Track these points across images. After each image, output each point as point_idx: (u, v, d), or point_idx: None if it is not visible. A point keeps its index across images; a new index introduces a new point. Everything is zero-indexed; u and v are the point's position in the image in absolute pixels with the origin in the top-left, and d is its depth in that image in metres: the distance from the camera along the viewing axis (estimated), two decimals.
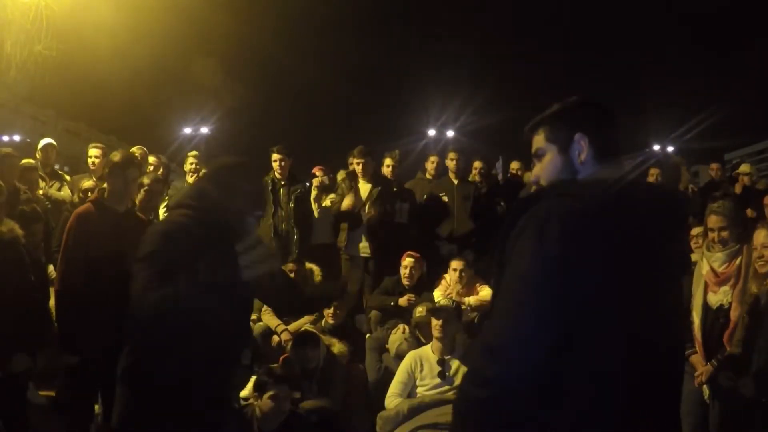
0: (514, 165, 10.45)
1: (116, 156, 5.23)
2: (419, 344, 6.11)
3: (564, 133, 2.29)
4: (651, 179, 8.35)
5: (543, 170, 2.34)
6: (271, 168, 8.38)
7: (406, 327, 6.48)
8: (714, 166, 11.04)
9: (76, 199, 7.01)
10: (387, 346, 6.53)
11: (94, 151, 7.88)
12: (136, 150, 7.95)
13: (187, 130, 31.71)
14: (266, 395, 5.12)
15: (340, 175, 8.81)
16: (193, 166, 8.79)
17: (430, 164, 9.27)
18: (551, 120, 2.34)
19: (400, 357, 6.09)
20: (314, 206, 8.28)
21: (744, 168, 11.00)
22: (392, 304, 7.02)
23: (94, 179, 7.23)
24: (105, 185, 5.41)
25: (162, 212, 7.34)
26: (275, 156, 8.32)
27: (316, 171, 8.97)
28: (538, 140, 2.35)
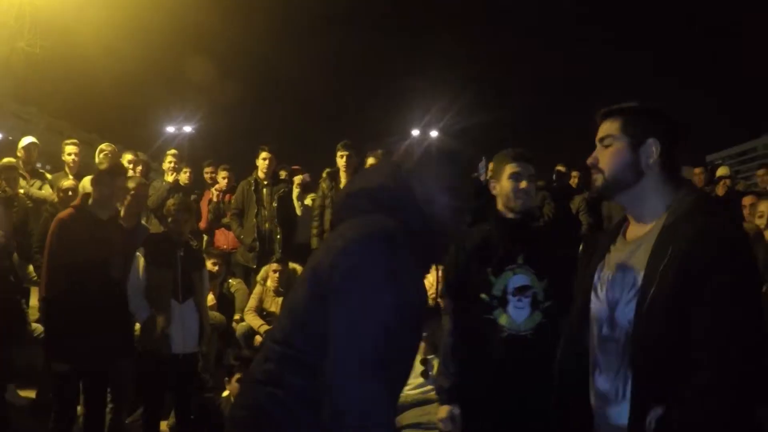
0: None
1: (104, 164, 5.23)
2: None
3: (640, 131, 2.28)
4: None
5: (608, 158, 2.31)
6: (256, 167, 8.39)
7: None
8: (697, 170, 11.08)
9: (56, 198, 6.96)
10: None
11: (70, 148, 7.82)
12: (105, 147, 7.88)
13: (171, 129, 31.59)
14: (234, 378, 5.16)
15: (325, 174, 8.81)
16: (172, 164, 8.74)
17: None
18: (632, 114, 2.32)
19: None
20: (297, 205, 8.24)
21: (722, 171, 11.09)
22: None
23: (72, 177, 7.17)
24: (82, 185, 5.38)
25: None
26: (264, 155, 8.31)
27: (295, 169, 8.99)
28: (611, 127, 2.33)
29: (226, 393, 5.88)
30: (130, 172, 7.53)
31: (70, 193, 6.50)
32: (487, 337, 3.51)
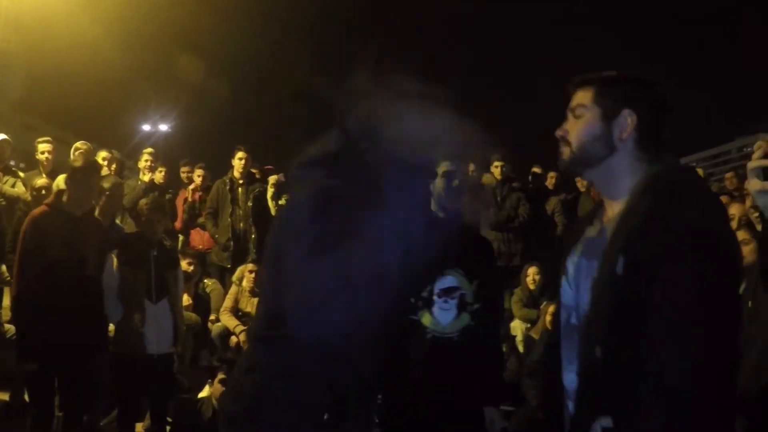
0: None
1: (78, 161, 5.17)
2: None
3: (614, 101, 2.08)
4: None
5: (577, 130, 2.12)
6: (232, 167, 8.37)
7: None
8: None
9: (29, 197, 6.89)
10: None
11: (44, 146, 7.75)
12: (80, 145, 7.81)
13: (146, 127, 31.35)
14: (217, 380, 5.15)
15: None
16: (148, 163, 8.68)
17: None
18: (605, 82, 2.13)
19: None
20: (271, 204, 8.21)
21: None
22: None
23: (45, 176, 7.11)
24: (56, 184, 5.33)
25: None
26: (241, 154, 8.32)
27: (268, 168, 8.97)
28: (583, 96, 2.13)
29: (203, 393, 5.85)
30: (105, 170, 7.48)
31: (43, 191, 6.44)
32: (411, 338, 3.42)
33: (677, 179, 2.04)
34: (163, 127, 32.10)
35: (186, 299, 6.72)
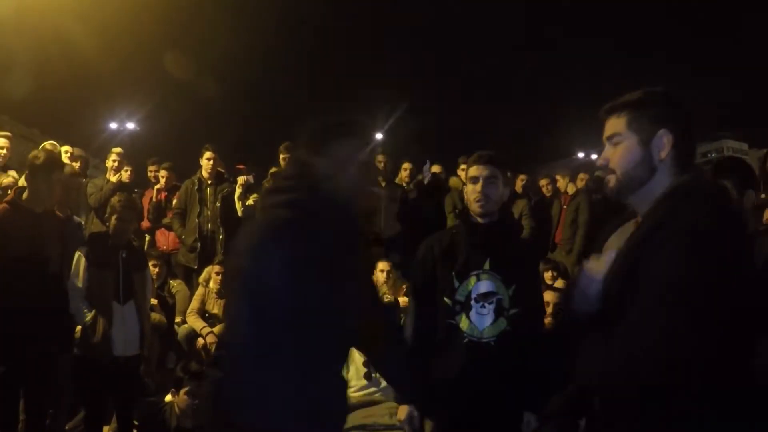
0: (436, 168, 10.48)
1: (39, 158, 5.04)
2: None
3: (648, 124, 2.14)
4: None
5: (618, 157, 2.18)
6: (199, 167, 8.32)
7: None
8: None
9: None
10: None
11: (2, 141, 7.66)
12: (47, 145, 7.71)
13: (113, 125, 30.96)
14: (182, 391, 5.11)
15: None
16: (116, 163, 8.58)
17: None
18: (635, 107, 2.18)
19: None
20: (238, 205, 8.17)
21: None
22: None
23: (11, 175, 7.01)
24: (20, 182, 5.24)
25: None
26: (209, 154, 8.28)
27: (240, 168, 8.94)
28: (616, 124, 2.19)
29: (169, 398, 5.81)
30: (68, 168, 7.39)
31: (9, 191, 6.34)
32: (450, 341, 3.48)
33: (695, 187, 2.11)
34: (130, 126, 31.75)
35: (152, 301, 6.67)
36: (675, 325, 1.87)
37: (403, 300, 6.86)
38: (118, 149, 8.95)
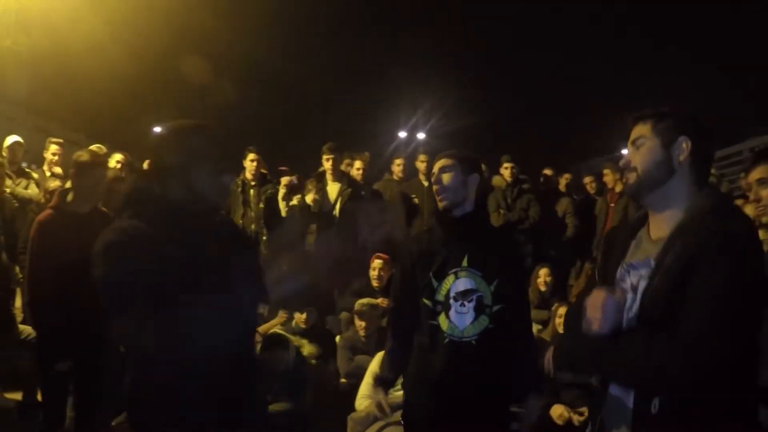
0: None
1: (84, 156, 5.05)
2: None
3: (671, 130, 2.36)
4: None
5: (641, 157, 2.39)
6: (243, 168, 8.39)
7: None
8: None
9: (42, 199, 6.93)
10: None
11: (54, 147, 7.81)
12: (93, 147, 7.83)
13: (158, 129, 31.39)
14: None
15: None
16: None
17: (396, 166, 9.41)
18: (661, 116, 2.41)
19: None
20: (282, 205, 8.22)
21: None
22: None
23: (56, 178, 7.15)
24: (67, 185, 5.27)
25: None
26: (252, 156, 8.33)
27: (282, 170, 8.99)
28: (642, 129, 2.41)
29: None
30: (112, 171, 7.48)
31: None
32: (432, 343, 3.39)
33: (725, 204, 2.36)
34: None
35: None
36: (728, 329, 2.07)
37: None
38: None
